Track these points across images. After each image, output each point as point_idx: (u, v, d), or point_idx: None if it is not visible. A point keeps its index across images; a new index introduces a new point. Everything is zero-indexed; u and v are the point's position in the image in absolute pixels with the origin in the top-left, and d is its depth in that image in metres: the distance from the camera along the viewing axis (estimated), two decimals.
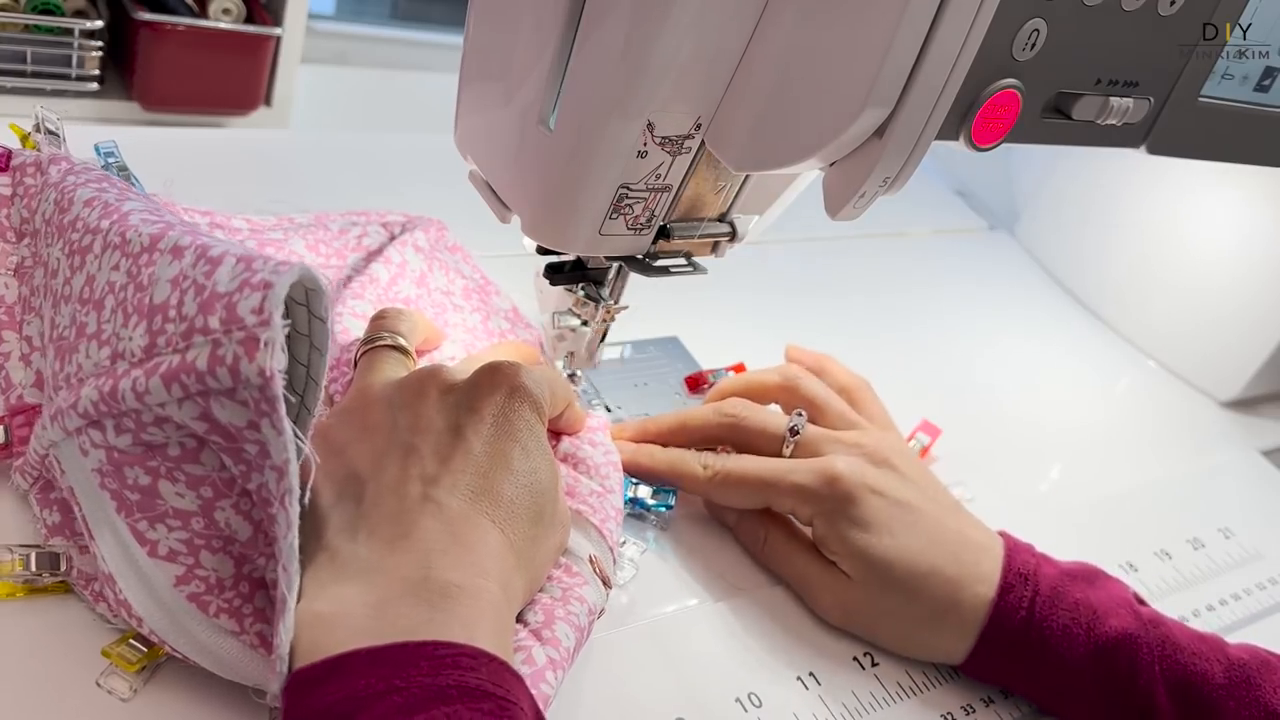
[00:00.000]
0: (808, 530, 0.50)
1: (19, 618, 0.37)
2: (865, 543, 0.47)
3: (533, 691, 0.35)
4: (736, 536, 0.52)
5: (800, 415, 0.52)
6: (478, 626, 0.33)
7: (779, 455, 0.51)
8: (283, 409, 0.31)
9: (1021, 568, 0.48)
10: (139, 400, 0.33)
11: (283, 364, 0.31)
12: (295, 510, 0.32)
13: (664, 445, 0.53)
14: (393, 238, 0.58)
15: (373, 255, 0.56)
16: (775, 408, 0.55)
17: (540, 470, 0.40)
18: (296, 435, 0.32)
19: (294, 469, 0.32)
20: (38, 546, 0.38)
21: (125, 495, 0.35)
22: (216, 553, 0.36)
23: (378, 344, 0.46)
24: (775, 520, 0.51)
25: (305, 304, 0.33)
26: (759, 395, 0.55)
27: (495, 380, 0.42)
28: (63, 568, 0.37)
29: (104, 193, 0.40)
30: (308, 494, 0.35)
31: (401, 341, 0.46)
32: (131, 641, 0.36)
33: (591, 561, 0.44)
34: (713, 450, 0.52)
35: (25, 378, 0.41)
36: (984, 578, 0.47)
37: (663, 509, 0.51)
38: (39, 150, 0.44)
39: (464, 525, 0.37)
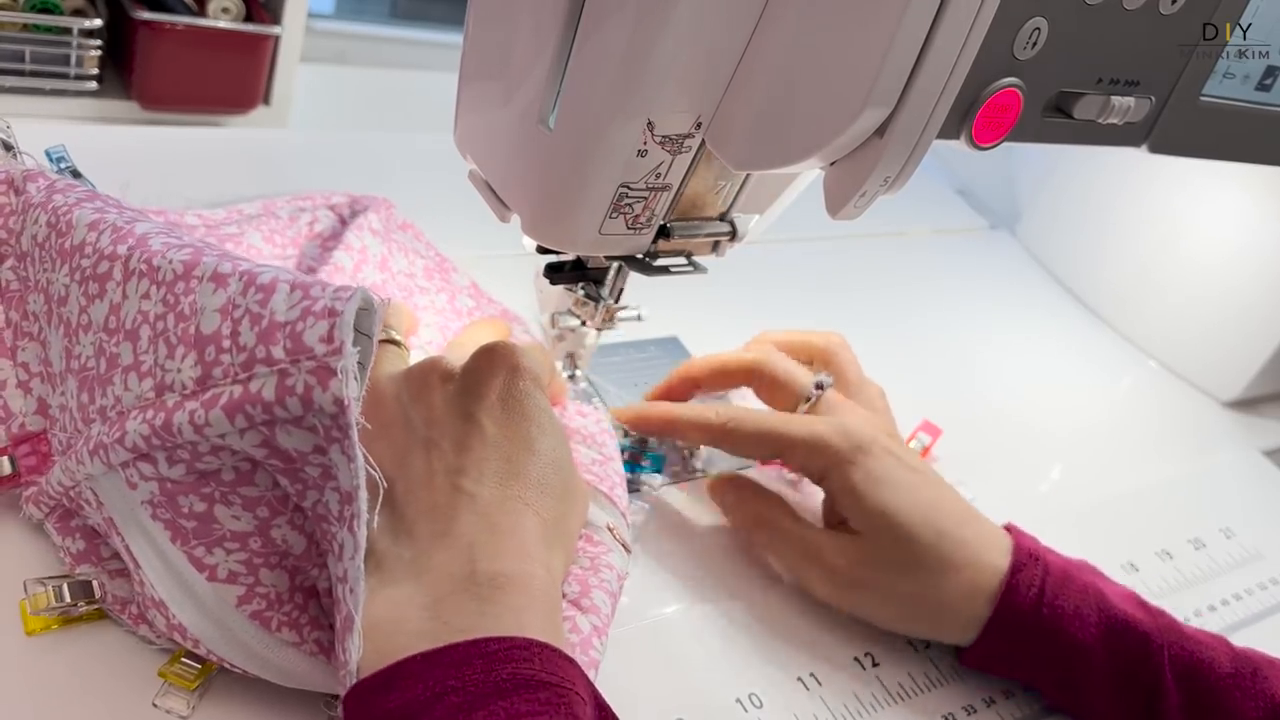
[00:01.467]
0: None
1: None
2: (879, 494, 0.47)
3: (583, 658, 0.36)
4: (733, 520, 0.52)
5: (828, 377, 0.52)
6: (528, 613, 0.34)
7: (795, 410, 0.52)
8: (355, 435, 0.31)
9: (1032, 549, 0.48)
10: (197, 433, 0.32)
11: (357, 391, 0.31)
12: (363, 534, 0.33)
13: (693, 386, 0.55)
14: (343, 221, 0.57)
15: (328, 242, 0.56)
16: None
17: (558, 446, 0.41)
18: (366, 459, 0.32)
19: (363, 493, 0.32)
20: (66, 576, 0.37)
21: (180, 524, 0.35)
22: (274, 569, 0.36)
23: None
24: (773, 500, 0.51)
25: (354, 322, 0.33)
26: (798, 350, 0.56)
27: (495, 362, 0.41)
28: (97, 594, 0.37)
29: (105, 213, 0.39)
30: (375, 516, 0.35)
31: (394, 335, 0.46)
32: (184, 660, 0.36)
33: (610, 530, 0.44)
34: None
35: (26, 406, 0.40)
36: (997, 547, 0.47)
37: (653, 471, 0.51)
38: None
39: (499, 512, 0.37)
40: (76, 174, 0.45)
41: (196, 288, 0.34)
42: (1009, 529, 0.50)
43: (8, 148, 0.44)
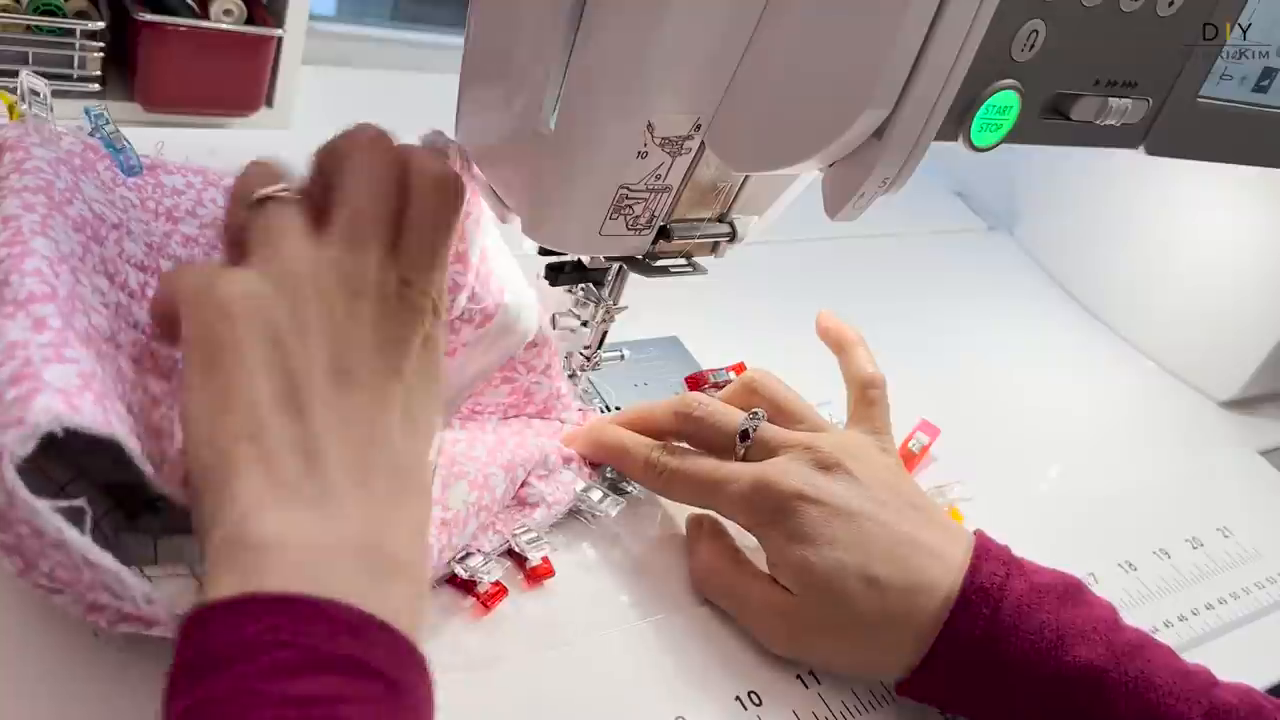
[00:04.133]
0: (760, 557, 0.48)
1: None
2: (799, 554, 0.44)
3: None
4: (690, 567, 0.50)
5: (755, 415, 0.49)
6: (406, 611, 0.31)
7: (733, 453, 0.48)
8: (7, 475, 0.30)
9: (986, 581, 0.43)
10: None
11: (24, 451, 0.30)
12: None
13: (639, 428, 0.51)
14: None
15: None
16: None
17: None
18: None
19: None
20: None
21: None
22: None
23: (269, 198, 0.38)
24: (726, 552, 0.49)
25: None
26: (724, 400, 0.52)
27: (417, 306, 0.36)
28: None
29: (30, 210, 0.37)
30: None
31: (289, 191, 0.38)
32: None
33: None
34: (669, 445, 0.50)
35: None
36: (936, 587, 0.44)
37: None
38: (24, 121, 0.43)
39: (413, 489, 0.35)
40: (115, 131, 0.45)
41: (17, 317, 0.33)
42: (976, 540, 0.46)
43: (38, 97, 0.43)
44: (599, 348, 0.54)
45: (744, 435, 0.48)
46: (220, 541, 0.30)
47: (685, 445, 0.51)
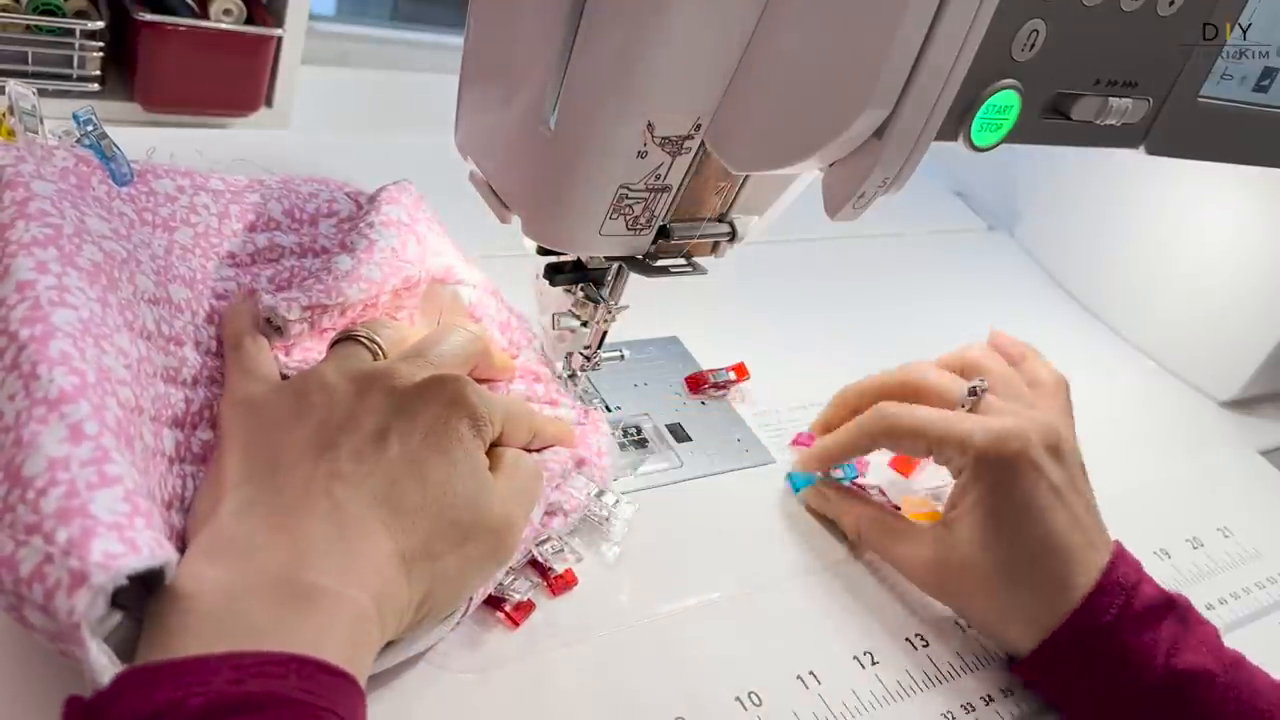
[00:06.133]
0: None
1: None
2: (1003, 509, 0.48)
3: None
4: (844, 523, 0.55)
5: (982, 380, 0.53)
6: (326, 634, 0.33)
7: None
8: (91, 648, 0.30)
9: (1122, 578, 0.48)
10: None
11: (99, 612, 0.30)
12: None
13: (853, 411, 0.56)
14: (359, 205, 0.55)
15: (344, 224, 0.55)
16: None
17: (460, 483, 0.39)
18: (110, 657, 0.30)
19: (105, 680, 0.30)
20: None
21: None
22: None
23: (352, 337, 0.45)
24: (874, 508, 0.54)
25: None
26: (950, 366, 0.57)
27: (438, 391, 0.41)
28: None
29: (44, 273, 0.36)
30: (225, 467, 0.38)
31: (377, 342, 0.45)
32: None
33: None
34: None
35: None
36: (1088, 572, 0.48)
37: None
38: (15, 136, 0.42)
39: (355, 529, 0.36)
40: (103, 136, 0.45)
41: (50, 423, 0.32)
42: (1115, 548, 0.50)
43: (29, 114, 0.43)
44: (599, 348, 0.54)
45: (972, 392, 0.53)
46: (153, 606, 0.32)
47: None
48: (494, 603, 0.44)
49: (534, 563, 0.46)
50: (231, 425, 0.41)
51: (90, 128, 0.45)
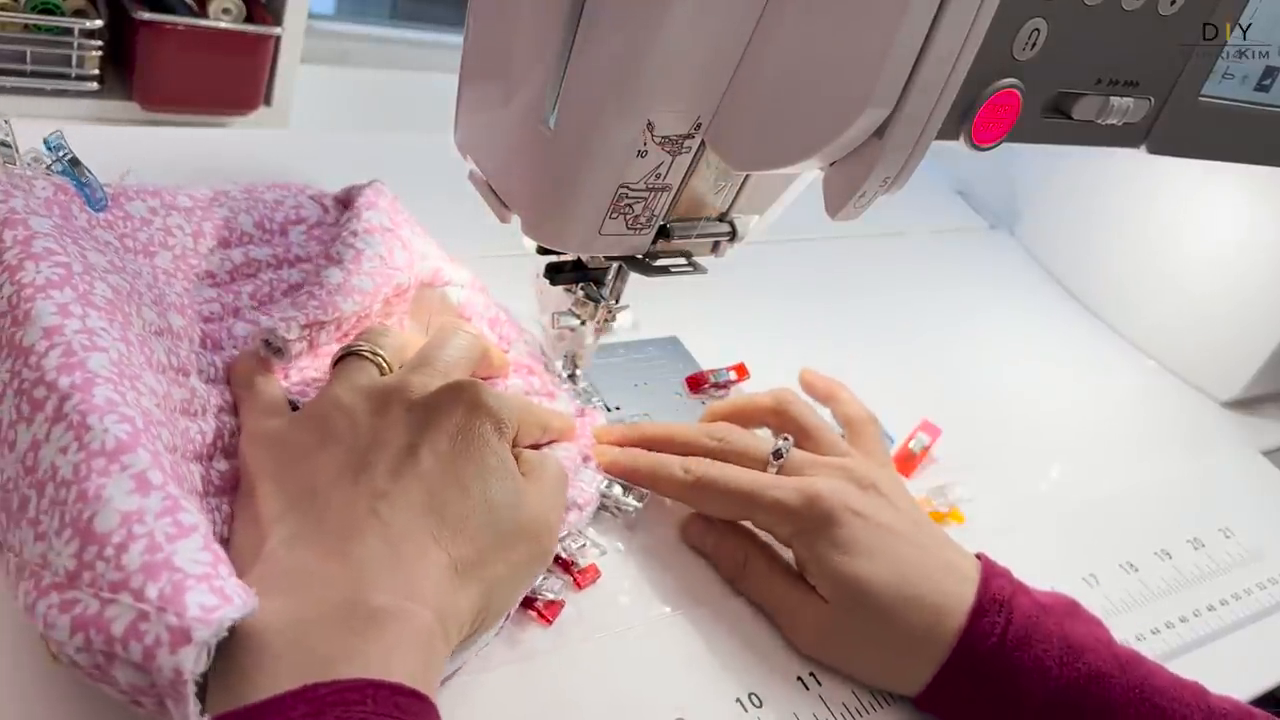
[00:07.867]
0: (787, 553, 0.49)
1: None
2: (845, 565, 0.46)
3: None
4: (714, 563, 0.51)
5: (786, 439, 0.50)
6: (395, 655, 0.33)
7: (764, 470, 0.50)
8: (191, 703, 0.29)
9: (997, 594, 0.46)
10: (47, 627, 0.30)
11: (203, 667, 0.29)
12: None
13: (648, 444, 0.52)
14: (325, 208, 0.55)
15: (313, 230, 0.54)
16: (765, 432, 0.54)
17: (496, 488, 0.40)
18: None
19: None
20: None
21: None
22: None
23: (355, 352, 0.45)
24: (755, 546, 0.50)
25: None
26: (750, 417, 0.55)
27: (455, 398, 0.41)
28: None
29: (68, 316, 0.35)
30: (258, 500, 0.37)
31: (381, 355, 0.45)
32: None
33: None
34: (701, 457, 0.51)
35: None
36: (959, 605, 0.45)
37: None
38: None
39: (407, 544, 0.36)
40: (75, 162, 0.44)
41: (113, 475, 0.32)
42: (981, 562, 0.48)
43: (5, 146, 0.43)
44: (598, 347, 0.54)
45: (777, 454, 0.50)
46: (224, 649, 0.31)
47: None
48: (525, 602, 0.44)
49: (557, 558, 0.46)
50: (256, 461, 0.41)
51: (61, 153, 0.44)
